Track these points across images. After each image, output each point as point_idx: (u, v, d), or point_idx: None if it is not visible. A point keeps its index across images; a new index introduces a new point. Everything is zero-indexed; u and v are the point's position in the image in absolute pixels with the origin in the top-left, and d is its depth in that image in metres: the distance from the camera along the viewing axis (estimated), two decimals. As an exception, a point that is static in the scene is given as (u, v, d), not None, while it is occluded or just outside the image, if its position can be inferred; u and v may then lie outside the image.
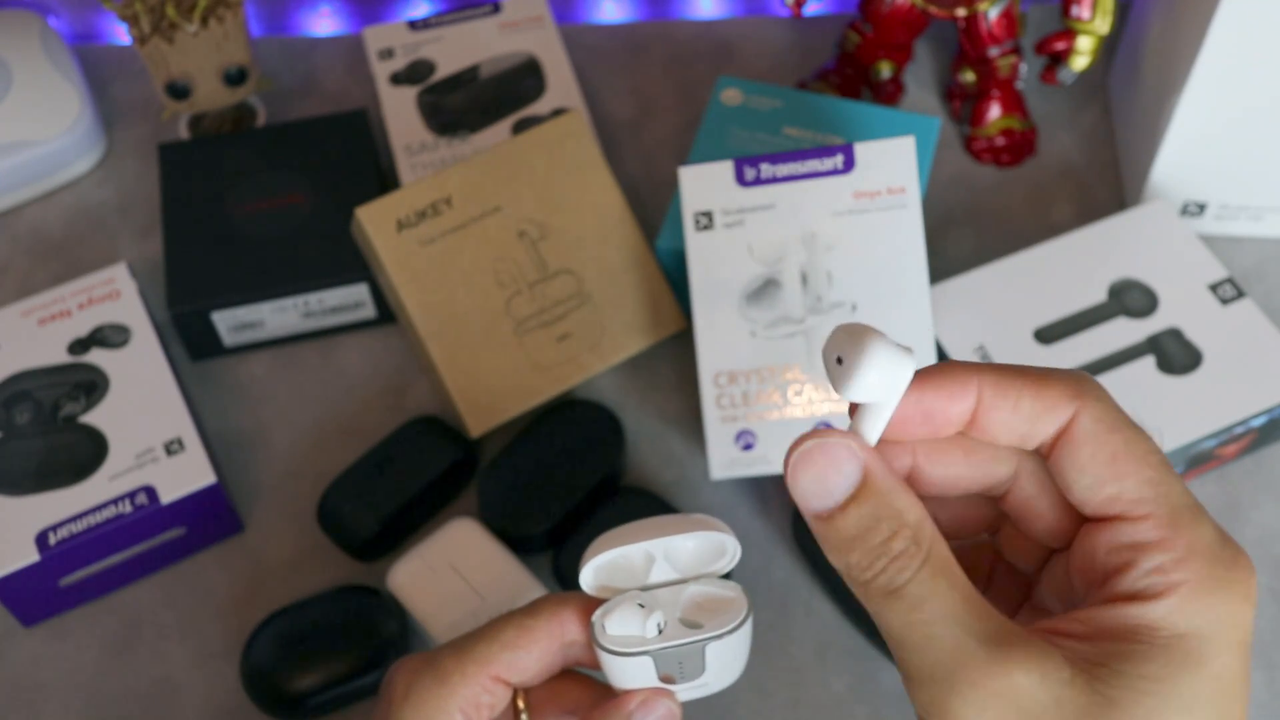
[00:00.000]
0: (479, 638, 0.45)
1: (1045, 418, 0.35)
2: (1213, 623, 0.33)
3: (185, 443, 0.69)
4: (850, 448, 0.34)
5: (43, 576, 0.66)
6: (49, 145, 0.83)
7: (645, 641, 0.43)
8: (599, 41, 0.92)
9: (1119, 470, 0.34)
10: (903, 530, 0.33)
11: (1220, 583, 0.33)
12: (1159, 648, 0.32)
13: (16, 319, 0.73)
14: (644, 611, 0.43)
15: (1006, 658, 0.32)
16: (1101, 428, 0.34)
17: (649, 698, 0.44)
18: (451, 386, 0.71)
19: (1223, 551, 0.34)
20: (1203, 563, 0.33)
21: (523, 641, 0.44)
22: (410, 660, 0.45)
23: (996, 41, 0.81)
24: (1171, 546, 0.33)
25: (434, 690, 0.44)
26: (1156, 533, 0.33)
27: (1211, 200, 0.79)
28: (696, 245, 0.69)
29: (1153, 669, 0.32)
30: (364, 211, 0.71)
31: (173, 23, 0.78)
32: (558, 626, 0.45)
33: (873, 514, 0.34)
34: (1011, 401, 0.35)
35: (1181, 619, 0.33)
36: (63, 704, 0.67)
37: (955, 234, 0.82)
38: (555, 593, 0.47)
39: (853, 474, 0.34)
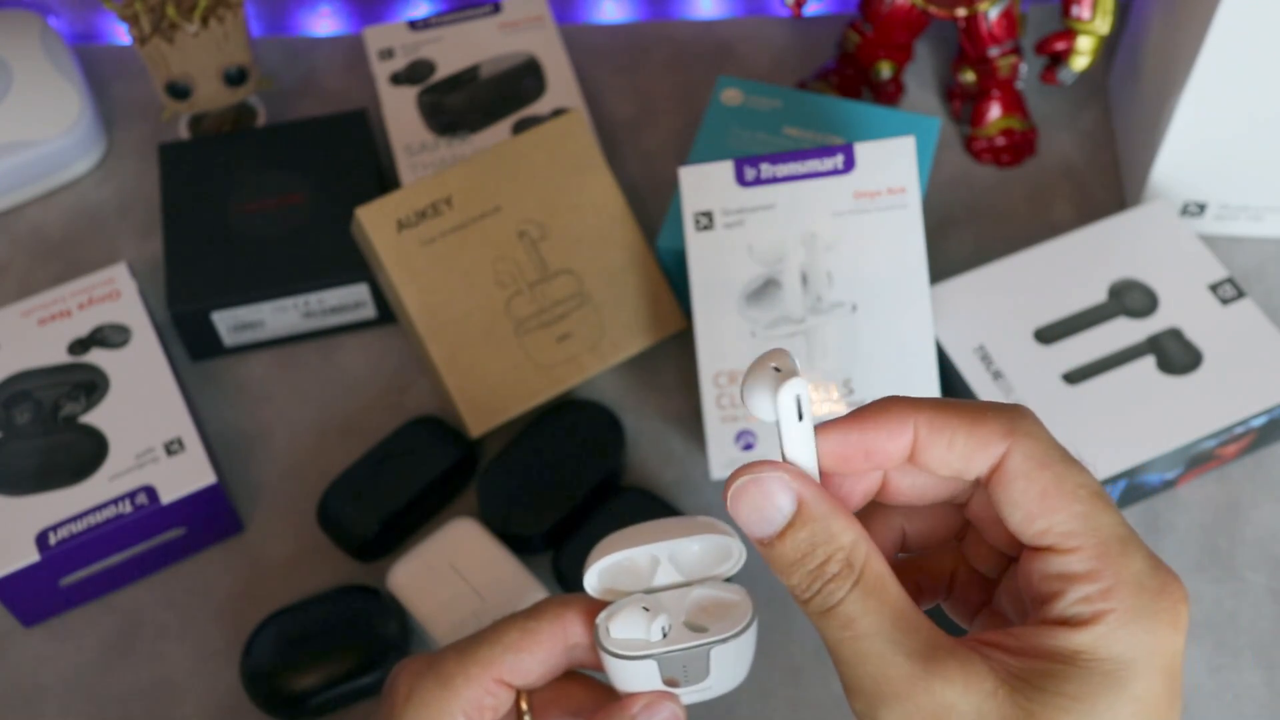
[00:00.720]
0: (482, 640, 0.44)
1: (978, 455, 0.37)
2: (1137, 649, 0.34)
3: (185, 443, 0.69)
4: (783, 479, 0.37)
5: (43, 576, 0.66)
6: (49, 145, 0.83)
7: (649, 645, 0.43)
8: (599, 42, 0.92)
9: (1048, 505, 0.36)
10: (836, 554, 0.36)
11: (1146, 612, 0.35)
12: (1081, 670, 0.34)
13: (16, 319, 0.74)
14: (648, 615, 0.43)
15: (932, 672, 0.34)
16: (1031, 464, 0.36)
17: (652, 701, 0.43)
18: (451, 386, 0.71)
19: (1151, 581, 0.35)
20: (1129, 593, 0.35)
21: (526, 644, 0.44)
22: (412, 662, 0.45)
23: (997, 41, 0.81)
24: (1099, 578, 0.35)
25: (436, 693, 0.43)
26: (1085, 565, 0.35)
27: (1211, 200, 0.79)
28: (697, 245, 0.69)
29: (1073, 688, 0.34)
30: (364, 211, 0.71)
31: (173, 23, 0.78)
32: (561, 629, 0.44)
33: (808, 539, 0.36)
34: (946, 439, 0.37)
35: (1105, 646, 0.34)
36: (63, 704, 0.67)
37: (955, 234, 0.82)
38: (558, 594, 0.46)
39: (787, 504, 0.36)
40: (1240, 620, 0.67)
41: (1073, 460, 0.36)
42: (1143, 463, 0.67)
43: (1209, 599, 0.68)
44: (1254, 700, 0.65)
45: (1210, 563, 0.69)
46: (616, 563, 0.44)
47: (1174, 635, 0.35)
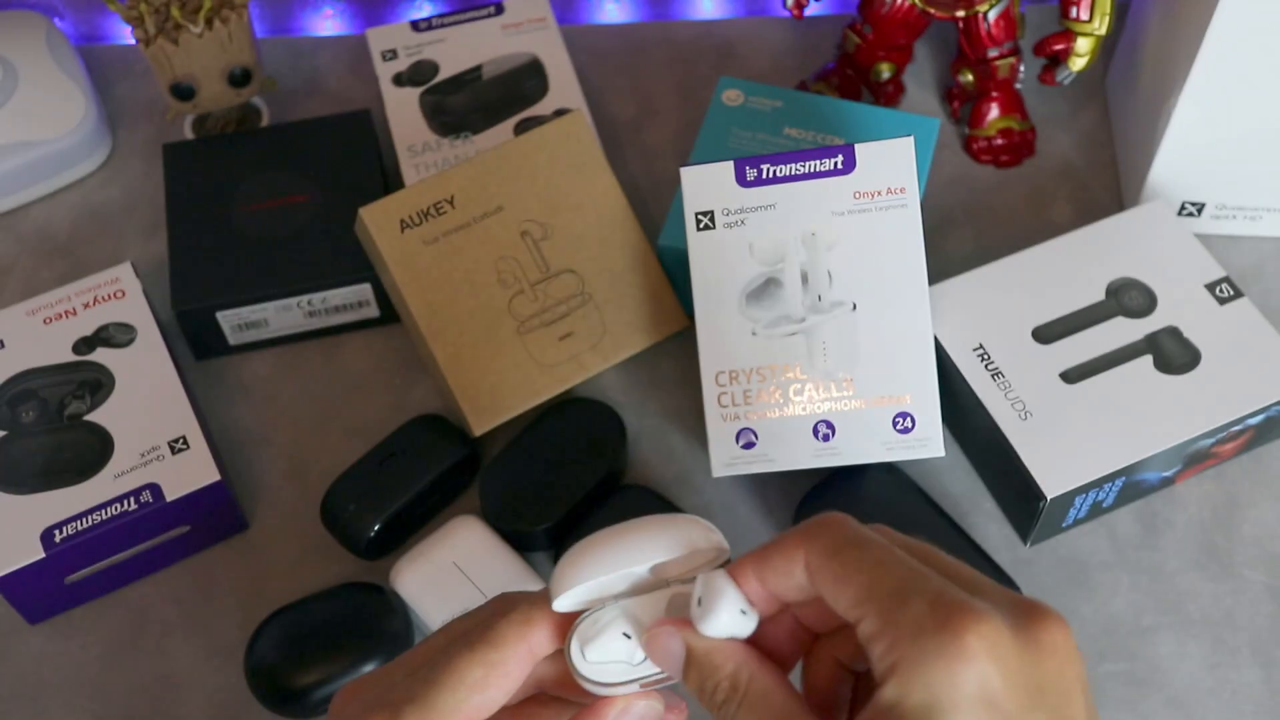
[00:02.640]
0: (440, 685, 0.41)
1: (793, 572, 0.40)
2: (932, 690, 0.36)
3: (190, 441, 0.69)
4: (670, 632, 0.41)
5: (48, 574, 0.66)
6: (55, 145, 0.84)
7: (630, 669, 0.41)
8: (601, 42, 0.92)
9: (839, 587, 0.39)
10: (721, 681, 0.40)
11: (929, 652, 0.36)
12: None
13: (22, 318, 0.74)
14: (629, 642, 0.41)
15: None
16: (822, 558, 0.39)
17: (630, 703, 0.42)
18: (454, 385, 0.72)
19: (929, 621, 0.36)
20: (908, 638, 0.36)
21: (490, 681, 0.41)
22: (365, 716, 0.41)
23: (995, 43, 0.81)
24: (883, 634, 0.37)
25: None
26: (873, 626, 0.37)
27: (1209, 200, 0.79)
28: (698, 245, 0.69)
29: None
30: (367, 211, 0.72)
31: (178, 24, 0.78)
32: (526, 652, 0.42)
33: (698, 675, 0.41)
34: (771, 575, 0.41)
35: (907, 695, 0.36)
36: (68, 701, 0.67)
37: (954, 234, 0.82)
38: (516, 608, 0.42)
39: (678, 651, 0.41)
40: (1238, 618, 0.68)
41: (867, 538, 0.39)
42: (1140, 461, 0.67)
43: (1207, 596, 0.68)
44: (1251, 697, 0.65)
45: (1208, 560, 0.69)
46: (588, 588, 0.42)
47: (969, 665, 0.35)
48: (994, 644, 0.36)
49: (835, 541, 0.40)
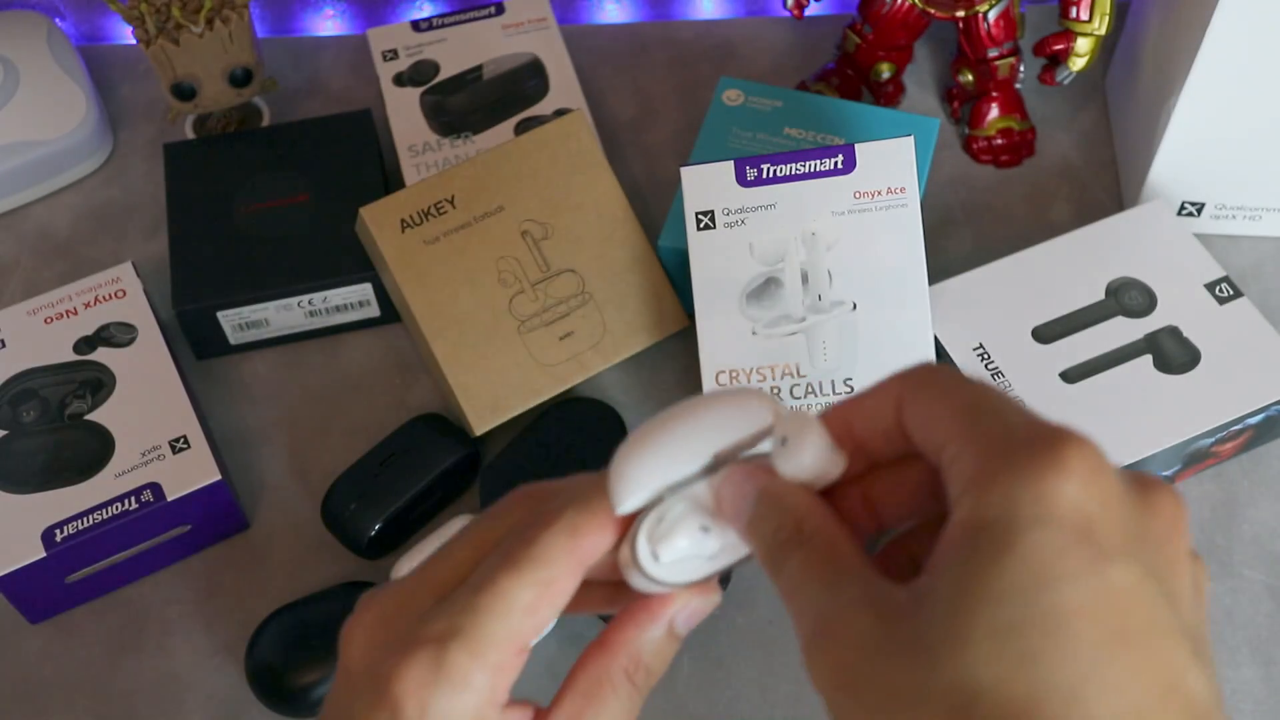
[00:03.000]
0: (489, 613, 0.36)
1: (884, 412, 0.36)
2: (1015, 503, 0.31)
3: (191, 440, 0.69)
4: (746, 474, 0.37)
5: (49, 573, 0.67)
6: (55, 145, 0.84)
7: (705, 564, 0.37)
8: (601, 42, 0.92)
9: (930, 413, 0.35)
10: (786, 521, 0.35)
11: (1017, 463, 0.31)
12: (968, 547, 0.31)
13: (23, 317, 0.74)
14: (705, 536, 0.37)
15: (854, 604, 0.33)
16: (915, 389, 0.36)
17: (688, 598, 0.38)
18: (455, 385, 0.72)
19: (1024, 432, 0.32)
20: (996, 448, 0.32)
21: (544, 602, 0.37)
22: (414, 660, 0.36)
23: (995, 43, 0.81)
24: (969, 447, 0.33)
25: (459, 701, 0.36)
26: (956, 447, 0.33)
27: (1209, 200, 0.79)
28: (698, 244, 0.69)
29: (962, 569, 0.31)
30: (368, 211, 0.72)
31: (178, 24, 0.78)
32: (579, 568, 0.37)
33: (764, 517, 0.36)
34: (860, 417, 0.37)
35: (982, 508, 0.31)
36: (68, 700, 0.67)
37: (954, 233, 0.82)
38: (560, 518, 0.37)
39: (751, 492, 0.36)
40: (1237, 617, 0.68)
41: (967, 377, 0.36)
42: (1140, 460, 0.67)
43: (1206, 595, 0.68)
44: (1251, 696, 0.65)
45: (1207, 560, 0.69)
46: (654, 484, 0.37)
47: (1062, 481, 0.31)
48: (1096, 469, 0.31)
49: (932, 374, 0.36)
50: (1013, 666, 0.29)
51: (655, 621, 0.38)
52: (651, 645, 0.38)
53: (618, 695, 0.38)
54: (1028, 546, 0.30)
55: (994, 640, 0.30)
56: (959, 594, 0.30)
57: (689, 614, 0.38)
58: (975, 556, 0.31)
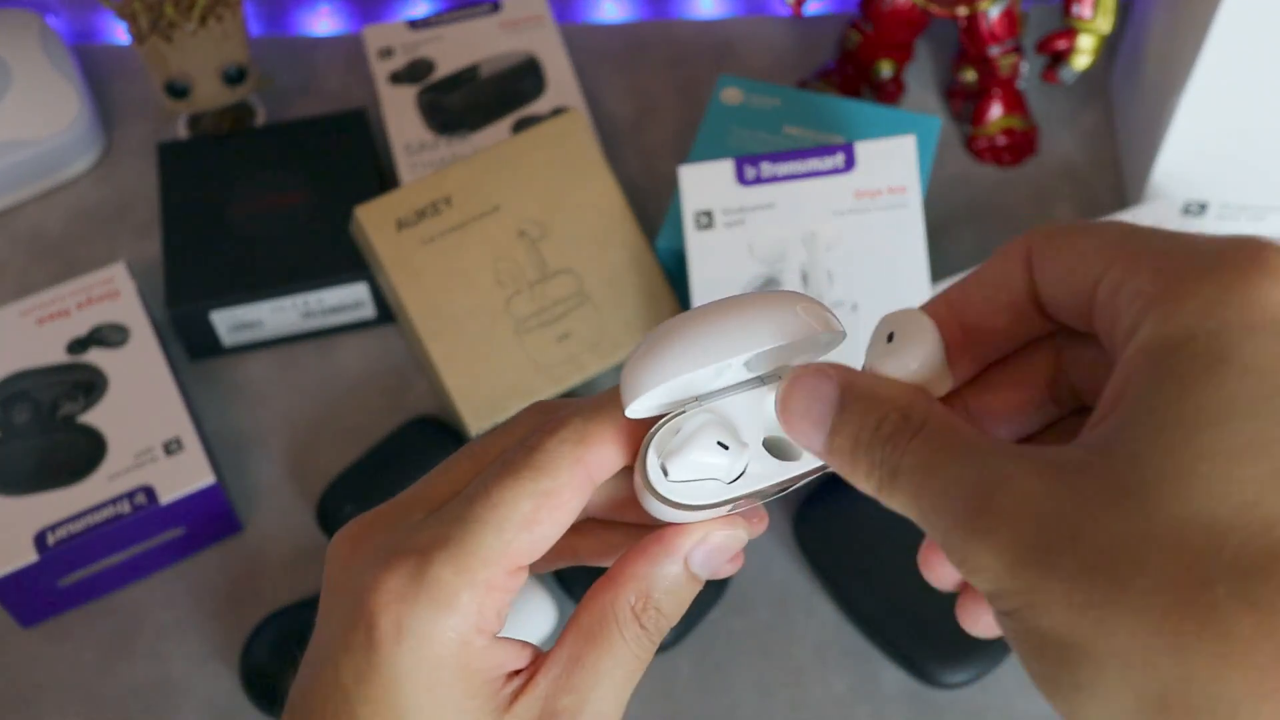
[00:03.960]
0: (479, 523, 0.32)
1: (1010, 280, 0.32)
2: (1220, 307, 0.26)
3: (184, 443, 0.69)
4: (820, 370, 0.32)
5: (41, 577, 0.66)
6: (48, 144, 0.83)
7: (723, 488, 0.32)
8: (599, 41, 0.92)
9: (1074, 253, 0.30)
10: (891, 413, 0.30)
11: (1211, 267, 0.27)
12: (1166, 368, 0.26)
13: (15, 318, 0.73)
14: (724, 452, 0.32)
15: (1014, 473, 0.27)
16: (1046, 240, 0.31)
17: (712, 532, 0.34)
18: (451, 386, 0.71)
19: (1204, 244, 0.28)
20: (1180, 257, 0.28)
21: (542, 515, 0.33)
22: (396, 572, 0.32)
23: (997, 40, 0.81)
24: (1141, 265, 0.28)
25: (438, 620, 0.32)
26: (1122, 267, 0.29)
27: (1213, 200, 0.79)
28: (697, 244, 0.69)
29: (1164, 393, 0.26)
30: (363, 211, 0.71)
31: (171, 21, 0.78)
32: (585, 480, 0.33)
33: (859, 415, 0.31)
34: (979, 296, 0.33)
35: (1177, 321, 0.27)
36: (61, 704, 0.67)
37: (956, 233, 0.82)
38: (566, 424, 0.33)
39: (831, 393, 0.31)
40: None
41: (1099, 222, 0.31)
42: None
43: None
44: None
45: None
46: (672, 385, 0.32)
47: (1271, 285, 0.26)
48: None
49: (1067, 225, 0.31)
50: (1263, 488, 0.25)
51: (669, 554, 0.33)
52: (664, 582, 0.34)
53: (624, 636, 0.34)
54: (1249, 355, 0.26)
55: (1232, 462, 0.25)
56: (1169, 421, 0.26)
57: (708, 550, 0.34)
58: (1179, 377, 0.26)
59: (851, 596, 0.67)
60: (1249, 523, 0.24)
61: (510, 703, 0.33)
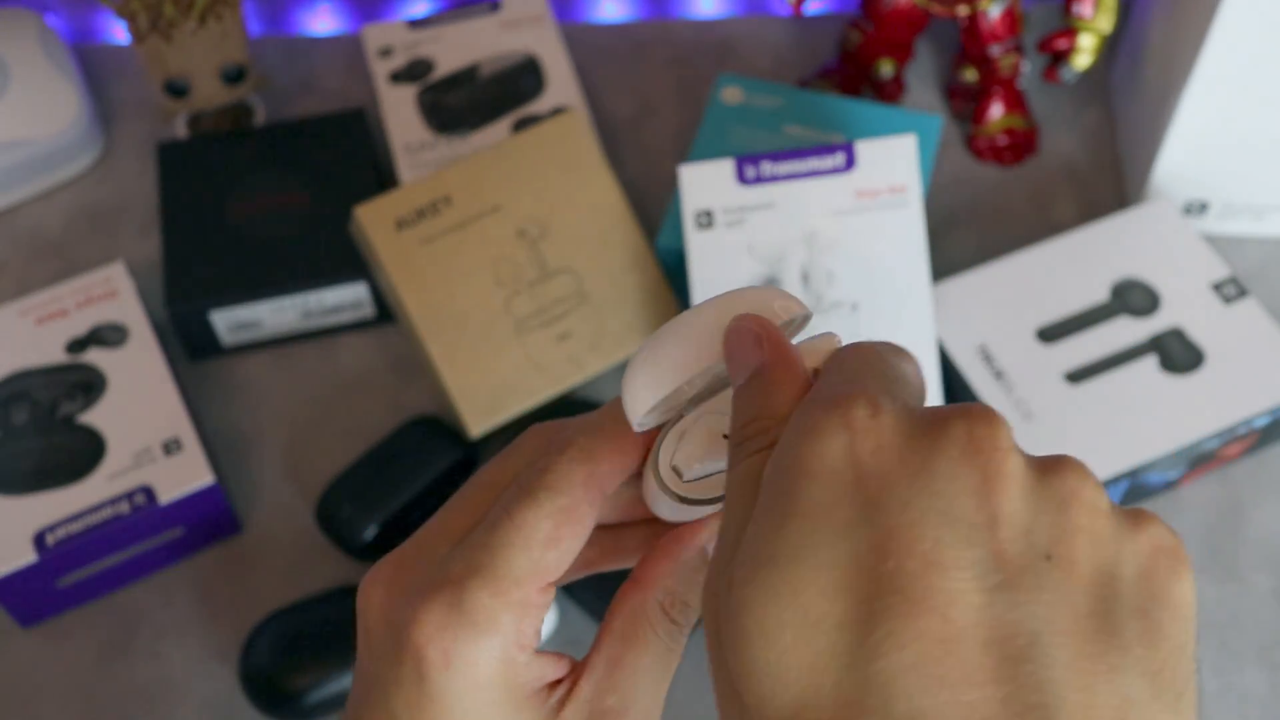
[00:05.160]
0: (507, 547, 0.34)
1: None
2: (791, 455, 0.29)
3: (183, 443, 0.69)
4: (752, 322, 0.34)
5: (40, 577, 0.66)
6: (47, 144, 0.83)
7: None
8: (599, 40, 0.91)
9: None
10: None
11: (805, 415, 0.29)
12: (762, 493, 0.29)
13: (14, 318, 0.73)
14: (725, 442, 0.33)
15: None
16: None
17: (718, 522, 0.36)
18: (451, 386, 0.71)
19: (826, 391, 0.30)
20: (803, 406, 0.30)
21: (565, 531, 0.34)
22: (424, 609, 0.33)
23: (998, 40, 0.81)
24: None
25: (484, 644, 0.33)
26: None
27: (1214, 199, 0.78)
28: (697, 244, 0.69)
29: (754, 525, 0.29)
30: (363, 210, 0.71)
31: (171, 21, 0.78)
32: (598, 495, 0.35)
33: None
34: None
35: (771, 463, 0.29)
36: (60, 705, 0.67)
37: (957, 233, 0.82)
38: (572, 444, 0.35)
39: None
40: (1243, 621, 0.67)
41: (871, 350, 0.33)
42: (1145, 463, 0.66)
43: (1211, 600, 0.68)
44: (1257, 702, 0.65)
45: (1212, 563, 0.69)
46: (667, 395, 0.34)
47: (847, 437, 0.28)
48: (868, 416, 0.28)
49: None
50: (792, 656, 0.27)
51: (689, 550, 0.35)
52: (688, 576, 0.36)
53: (657, 634, 0.35)
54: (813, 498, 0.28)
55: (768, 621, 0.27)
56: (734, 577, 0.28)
57: None
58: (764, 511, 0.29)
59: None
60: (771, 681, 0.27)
61: (558, 710, 0.35)
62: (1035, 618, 0.26)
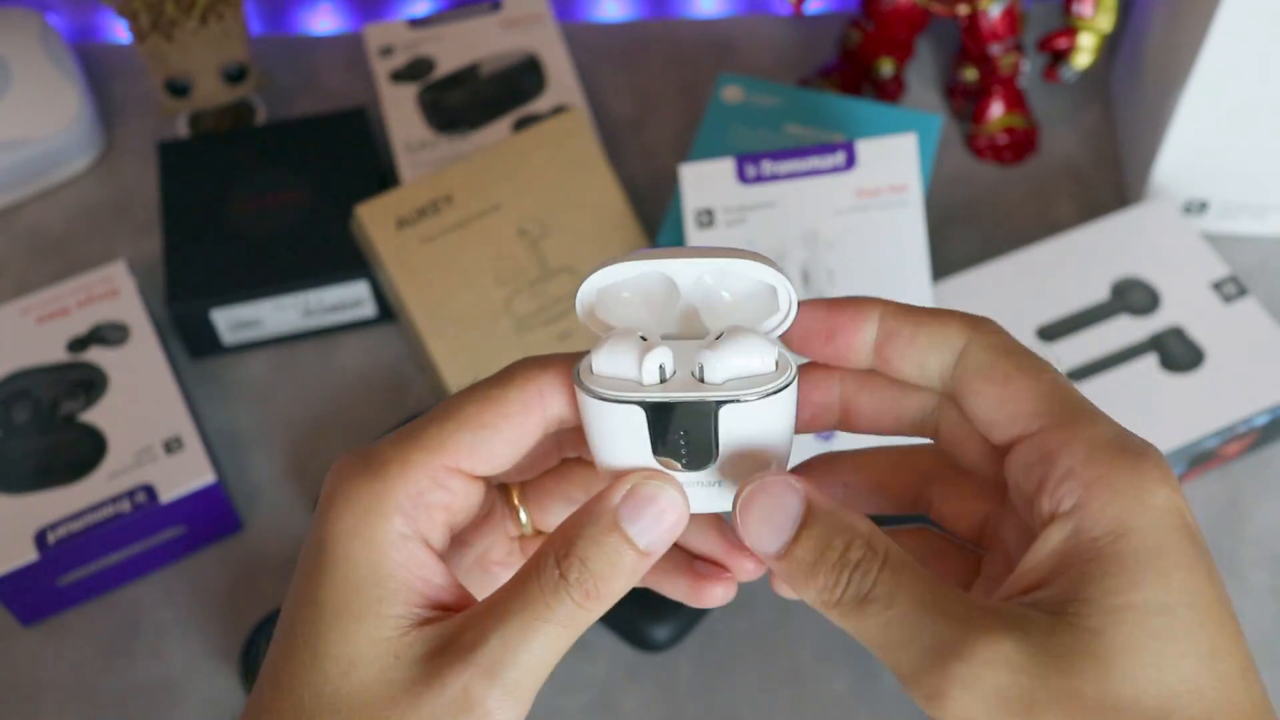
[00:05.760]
0: (430, 419, 0.35)
1: (941, 345, 0.36)
2: (1145, 510, 0.32)
3: (184, 441, 0.69)
4: (788, 481, 0.34)
5: (41, 575, 0.66)
6: (48, 143, 0.83)
7: (638, 387, 0.34)
8: (599, 39, 0.91)
9: (1013, 388, 0.34)
10: (856, 540, 0.33)
11: (1132, 469, 0.32)
12: (1108, 555, 0.31)
13: (15, 317, 0.73)
14: (644, 347, 0.34)
15: (988, 629, 0.31)
16: (994, 353, 0.35)
17: (640, 482, 0.35)
18: (451, 385, 0.71)
19: (1128, 440, 0.33)
20: (1107, 454, 0.32)
21: (486, 417, 0.35)
22: (350, 455, 0.36)
23: (998, 39, 0.81)
24: (1074, 447, 0.33)
25: (366, 487, 0.34)
26: (1056, 438, 0.33)
27: (1214, 198, 0.79)
28: (698, 243, 0.69)
29: (1113, 580, 0.31)
30: (364, 209, 0.71)
31: (172, 20, 0.78)
32: (536, 394, 0.36)
33: (824, 534, 0.34)
34: (910, 330, 0.36)
35: (1113, 516, 0.32)
36: (61, 703, 0.67)
37: (957, 232, 0.82)
38: (532, 356, 0.37)
39: (796, 505, 0.34)
40: (1243, 619, 0.67)
41: (1032, 352, 0.36)
42: (1145, 461, 0.66)
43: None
44: (1257, 700, 0.65)
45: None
46: (620, 284, 0.35)
47: (1171, 490, 0.32)
48: (1170, 473, 0.33)
49: (1007, 341, 0.35)
50: (1196, 667, 0.31)
51: (596, 503, 0.35)
52: (590, 531, 0.34)
53: (539, 581, 0.34)
54: (1178, 554, 0.32)
55: (1173, 644, 0.31)
56: (1123, 606, 0.31)
57: (636, 502, 0.35)
58: (1128, 568, 0.31)
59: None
60: (1187, 693, 0.31)
61: (420, 624, 0.34)
62: None
